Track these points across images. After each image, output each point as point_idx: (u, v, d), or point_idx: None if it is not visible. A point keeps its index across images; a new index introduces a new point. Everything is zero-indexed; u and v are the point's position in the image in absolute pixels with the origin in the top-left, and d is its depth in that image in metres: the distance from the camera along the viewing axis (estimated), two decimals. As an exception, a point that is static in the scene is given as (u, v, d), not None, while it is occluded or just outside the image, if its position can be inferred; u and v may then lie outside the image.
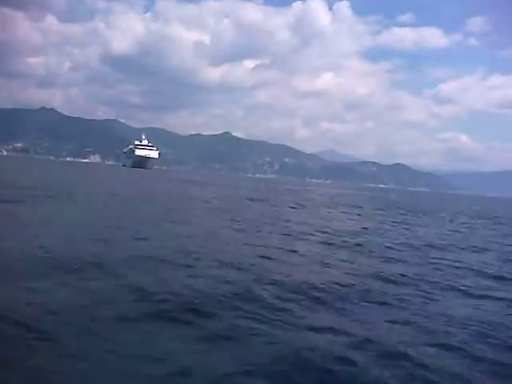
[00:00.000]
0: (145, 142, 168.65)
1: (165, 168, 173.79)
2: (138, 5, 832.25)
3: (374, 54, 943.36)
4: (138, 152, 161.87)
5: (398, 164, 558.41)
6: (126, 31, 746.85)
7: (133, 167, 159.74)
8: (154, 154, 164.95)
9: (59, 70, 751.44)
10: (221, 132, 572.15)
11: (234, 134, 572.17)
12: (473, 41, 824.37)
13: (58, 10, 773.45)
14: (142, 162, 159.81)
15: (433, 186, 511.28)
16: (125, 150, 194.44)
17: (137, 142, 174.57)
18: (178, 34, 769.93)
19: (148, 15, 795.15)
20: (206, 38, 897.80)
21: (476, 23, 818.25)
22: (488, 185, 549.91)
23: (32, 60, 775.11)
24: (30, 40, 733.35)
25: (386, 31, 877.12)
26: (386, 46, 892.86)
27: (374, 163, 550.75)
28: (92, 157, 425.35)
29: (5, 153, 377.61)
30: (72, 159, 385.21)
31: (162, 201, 32.47)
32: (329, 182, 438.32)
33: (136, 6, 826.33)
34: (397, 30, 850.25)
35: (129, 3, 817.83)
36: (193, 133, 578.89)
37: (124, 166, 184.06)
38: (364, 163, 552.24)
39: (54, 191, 30.12)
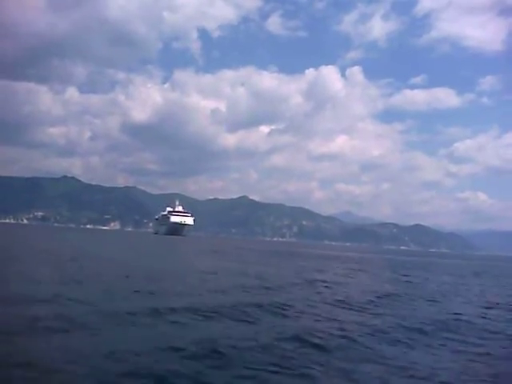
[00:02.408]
0: (179, 208, 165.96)
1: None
2: (157, 76, 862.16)
3: (387, 116, 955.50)
4: (173, 219, 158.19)
5: (417, 225, 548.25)
6: (145, 101, 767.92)
7: (166, 234, 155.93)
8: (190, 220, 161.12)
9: (80, 139, 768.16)
10: (238, 196, 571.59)
11: (251, 197, 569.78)
12: (485, 100, 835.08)
13: (79, 82, 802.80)
14: (178, 228, 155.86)
15: (455, 246, 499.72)
16: (157, 217, 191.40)
17: (169, 209, 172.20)
18: (195, 102, 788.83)
19: (166, 86, 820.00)
20: (223, 106, 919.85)
21: (488, 82, 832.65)
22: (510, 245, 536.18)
23: (53, 130, 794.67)
24: (52, 111, 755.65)
25: (398, 93, 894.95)
26: (398, 108, 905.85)
27: (394, 224, 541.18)
28: (112, 224, 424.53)
29: (25, 221, 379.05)
30: (92, 226, 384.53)
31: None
32: (348, 244, 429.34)
33: (155, 77, 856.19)
34: (409, 92, 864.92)
35: (148, 74, 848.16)
36: (210, 197, 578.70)
37: (156, 233, 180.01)
38: (384, 224, 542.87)
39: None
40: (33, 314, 11.76)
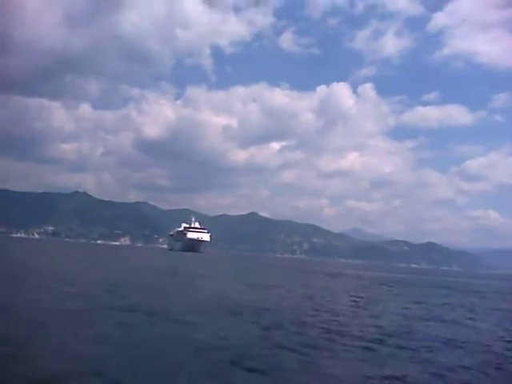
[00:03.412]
0: (196, 225, 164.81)
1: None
2: (170, 93, 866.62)
3: (398, 133, 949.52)
4: (190, 235, 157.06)
5: (429, 243, 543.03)
6: (157, 117, 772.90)
7: (182, 251, 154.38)
8: (206, 236, 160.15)
9: (92, 155, 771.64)
10: (248, 212, 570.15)
11: (261, 213, 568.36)
12: (498, 117, 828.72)
13: (93, 98, 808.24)
14: (195, 245, 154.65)
15: (466, 265, 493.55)
16: (171, 233, 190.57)
17: (185, 225, 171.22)
18: (207, 119, 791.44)
19: (179, 102, 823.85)
20: (235, 122, 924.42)
21: (501, 99, 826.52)
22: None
23: (65, 146, 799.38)
24: (65, 127, 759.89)
25: (410, 110, 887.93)
26: (410, 125, 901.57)
27: (405, 242, 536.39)
28: (122, 239, 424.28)
29: (36, 236, 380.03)
30: (102, 242, 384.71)
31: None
32: (359, 262, 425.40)
33: (167, 93, 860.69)
34: (421, 109, 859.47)
35: (161, 91, 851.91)
36: (220, 213, 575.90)
37: (171, 249, 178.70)
38: (394, 242, 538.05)
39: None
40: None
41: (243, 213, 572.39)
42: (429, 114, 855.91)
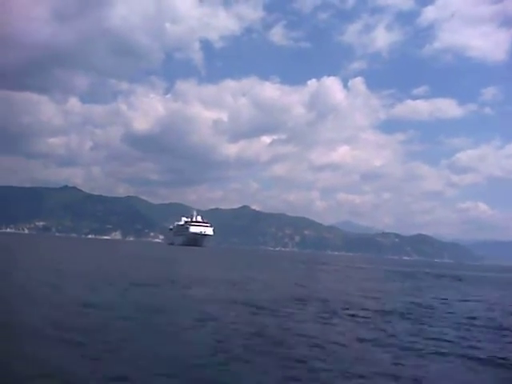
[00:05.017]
0: (198, 218, 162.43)
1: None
2: (159, 87, 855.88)
3: (388, 126, 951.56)
4: (192, 229, 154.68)
5: (419, 235, 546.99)
6: (147, 111, 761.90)
7: (184, 245, 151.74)
8: (210, 230, 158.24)
9: (81, 149, 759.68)
10: (239, 206, 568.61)
11: (252, 207, 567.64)
12: (488, 110, 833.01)
13: (81, 92, 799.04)
14: (197, 239, 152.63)
15: (457, 256, 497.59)
16: (171, 227, 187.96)
17: (184, 219, 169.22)
18: (197, 113, 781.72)
19: (169, 96, 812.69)
20: (225, 116, 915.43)
21: (490, 93, 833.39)
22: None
23: (54, 140, 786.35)
24: (53, 121, 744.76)
25: (400, 104, 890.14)
26: (400, 118, 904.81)
27: (396, 234, 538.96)
28: (113, 233, 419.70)
29: (26, 231, 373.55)
30: (93, 236, 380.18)
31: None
32: (350, 254, 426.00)
33: (157, 87, 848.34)
34: (411, 103, 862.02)
35: (150, 85, 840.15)
36: (212, 207, 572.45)
37: (171, 244, 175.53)
38: (385, 234, 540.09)
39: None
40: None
41: (235, 206, 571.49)
42: (419, 108, 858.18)
